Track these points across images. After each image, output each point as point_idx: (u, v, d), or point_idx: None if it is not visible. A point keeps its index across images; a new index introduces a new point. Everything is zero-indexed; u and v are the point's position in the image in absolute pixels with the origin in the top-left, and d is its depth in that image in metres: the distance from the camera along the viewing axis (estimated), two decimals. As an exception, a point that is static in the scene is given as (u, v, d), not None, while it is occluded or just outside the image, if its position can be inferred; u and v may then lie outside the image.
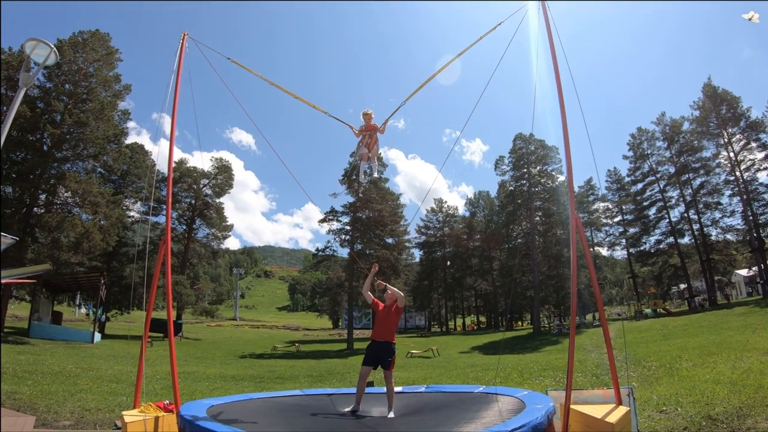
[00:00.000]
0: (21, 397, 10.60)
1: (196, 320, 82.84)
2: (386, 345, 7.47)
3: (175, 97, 8.31)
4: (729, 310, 36.64)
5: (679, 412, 7.66)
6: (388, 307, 7.84)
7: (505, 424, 5.08)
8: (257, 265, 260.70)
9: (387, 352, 7.42)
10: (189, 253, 59.30)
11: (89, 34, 38.88)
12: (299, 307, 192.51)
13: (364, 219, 52.86)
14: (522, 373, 16.08)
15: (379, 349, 7.47)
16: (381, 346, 7.47)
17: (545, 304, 57.46)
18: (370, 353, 7.54)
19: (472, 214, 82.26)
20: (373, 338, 7.63)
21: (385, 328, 7.60)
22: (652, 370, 13.18)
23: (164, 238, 7.77)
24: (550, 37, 7.59)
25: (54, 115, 36.25)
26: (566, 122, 7.17)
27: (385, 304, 7.96)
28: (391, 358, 7.43)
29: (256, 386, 15.80)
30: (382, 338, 7.52)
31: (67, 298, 55.89)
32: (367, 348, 7.68)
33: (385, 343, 7.48)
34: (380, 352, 7.45)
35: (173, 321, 7.87)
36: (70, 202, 38.21)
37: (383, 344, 7.47)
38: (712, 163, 53.27)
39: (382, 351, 7.44)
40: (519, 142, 58.33)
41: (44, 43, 7.78)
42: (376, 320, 7.82)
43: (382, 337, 7.53)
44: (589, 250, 7.18)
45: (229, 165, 64.01)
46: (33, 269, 23.00)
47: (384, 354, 7.42)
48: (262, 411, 7.17)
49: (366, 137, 8.45)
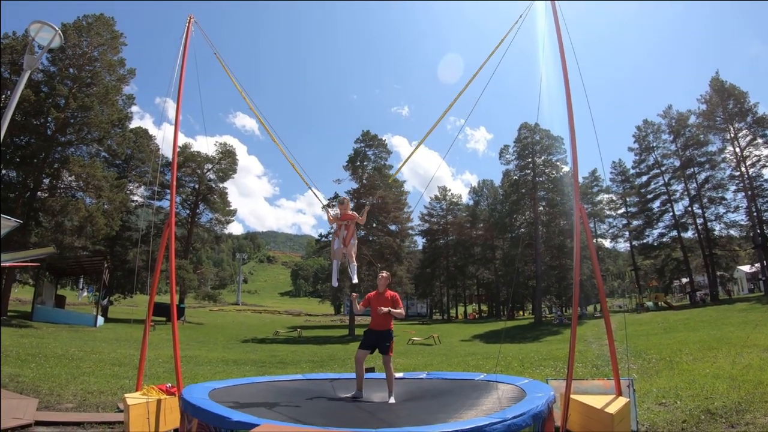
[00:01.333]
0: (24, 380, 10.68)
1: (198, 305, 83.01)
2: (384, 332, 7.47)
3: (180, 81, 8.27)
4: (730, 305, 36.70)
5: (679, 405, 7.69)
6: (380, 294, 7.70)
7: (505, 411, 5.08)
8: (260, 251, 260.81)
9: (385, 338, 7.41)
10: (192, 238, 59.44)
11: (94, 18, 38.77)
12: (301, 293, 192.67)
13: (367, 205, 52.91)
14: (522, 362, 16.12)
15: (376, 335, 7.47)
16: (379, 333, 7.47)
17: (547, 294, 57.56)
18: (367, 339, 7.55)
19: (476, 203, 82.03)
20: (371, 327, 7.60)
21: (381, 318, 7.50)
22: (653, 363, 13.21)
23: (168, 222, 7.77)
24: (558, 32, 7.55)
25: (58, 99, 36.14)
26: (572, 113, 7.15)
27: (377, 291, 7.78)
28: (389, 343, 7.42)
29: (258, 370, 15.86)
30: (378, 328, 7.50)
31: (71, 282, 55.87)
32: (365, 333, 7.68)
33: (383, 331, 7.47)
34: (378, 338, 7.45)
35: (176, 305, 7.88)
36: (74, 186, 38.27)
37: (381, 332, 7.47)
38: (717, 157, 53.12)
39: (380, 337, 7.44)
40: (524, 131, 58.06)
41: (49, 26, 7.73)
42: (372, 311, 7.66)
43: (379, 327, 7.50)
44: (592, 241, 7.18)
45: (233, 150, 64.02)
46: (36, 252, 23.09)
47: (382, 340, 7.42)
48: (263, 394, 7.20)
49: (341, 228, 7.81)
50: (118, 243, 50.91)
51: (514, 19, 7.88)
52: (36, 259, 26.20)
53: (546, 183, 55.64)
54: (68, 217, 36.06)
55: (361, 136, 55.55)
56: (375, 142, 55.61)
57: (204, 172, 60.89)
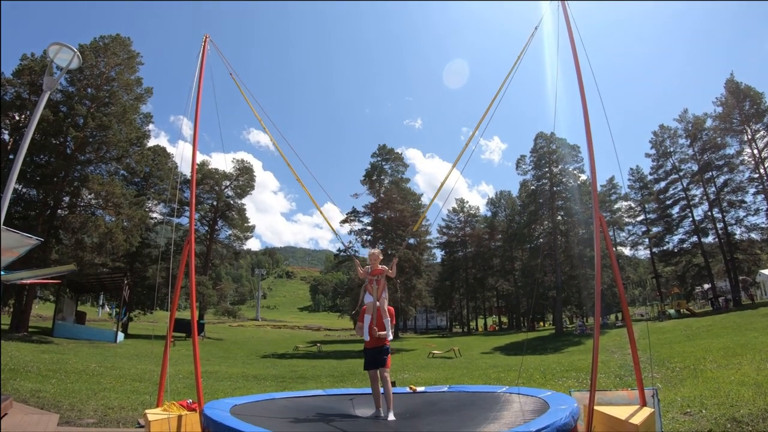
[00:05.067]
0: (45, 395, 10.75)
1: (218, 320, 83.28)
2: (379, 348, 7.36)
3: (198, 100, 8.32)
4: (753, 310, 36.14)
5: (704, 414, 7.56)
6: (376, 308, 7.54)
7: (529, 424, 5.03)
8: (279, 266, 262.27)
9: (381, 353, 7.33)
10: (211, 254, 59.79)
11: (110, 39, 39.41)
12: (321, 308, 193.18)
13: (385, 219, 52.93)
14: (544, 373, 15.97)
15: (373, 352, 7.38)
16: (375, 350, 7.37)
17: (567, 304, 57.10)
18: (367, 358, 7.46)
19: (494, 214, 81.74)
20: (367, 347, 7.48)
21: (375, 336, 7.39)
22: (676, 372, 13.04)
23: (188, 238, 7.78)
24: (570, 36, 7.52)
25: (77, 119, 36.73)
26: (589, 120, 7.10)
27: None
28: (386, 356, 7.34)
29: (278, 386, 15.87)
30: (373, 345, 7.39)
31: (91, 299, 56.53)
32: (364, 352, 7.57)
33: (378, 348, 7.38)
34: (375, 353, 7.36)
35: (196, 321, 7.89)
36: (94, 204, 38.73)
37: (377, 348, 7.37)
38: (735, 160, 52.60)
39: (376, 352, 7.35)
40: (540, 141, 57.92)
41: (67, 47, 7.83)
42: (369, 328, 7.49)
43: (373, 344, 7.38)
44: (613, 250, 7.10)
45: (251, 166, 64.42)
46: (58, 270, 23.27)
47: (378, 354, 7.33)
48: (284, 410, 7.19)
49: (372, 283, 7.58)
50: (137, 260, 51.35)
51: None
52: (57, 276, 26.51)
53: (564, 192, 55.36)
54: (88, 234, 36.49)
55: (378, 150, 55.83)
56: (392, 156, 55.87)
57: (222, 188, 61.33)
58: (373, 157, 56.45)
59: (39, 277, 18.37)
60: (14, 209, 35.36)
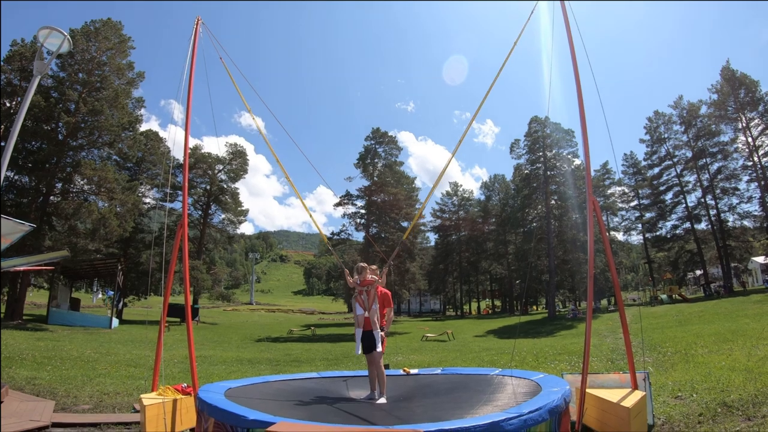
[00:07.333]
0: (41, 382, 10.77)
1: (212, 305, 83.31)
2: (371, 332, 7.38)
3: (190, 84, 8.25)
4: (745, 297, 36.41)
5: (695, 398, 7.62)
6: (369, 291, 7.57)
7: (521, 406, 5.05)
8: (272, 250, 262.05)
9: (373, 336, 7.35)
10: (205, 239, 59.81)
11: (101, 23, 38.94)
12: (315, 291, 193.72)
13: (379, 203, 52.87)
14: (537, 357, 16.05)
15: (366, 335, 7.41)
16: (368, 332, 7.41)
17: (560, 288, 57.37)
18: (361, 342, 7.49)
19: (488, 198, 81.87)
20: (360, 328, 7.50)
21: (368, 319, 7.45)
22: (668, 356, 13.11)
23: (181, 223, 7.77)
24: (566, 23, 7.51)
25: (68, 104, 36.40)
26: (583, 105, 7.10)
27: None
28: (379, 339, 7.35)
29: (273, 369, 15.89)
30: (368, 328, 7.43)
31: (85, 285, 56.32)
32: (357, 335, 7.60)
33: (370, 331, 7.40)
34: (368, 338, 7.39)
35: (190, 305, 7.89)
36: (86, 190, 38.50)
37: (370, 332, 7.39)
38: (729, 147, 52.66)
39: (369, 336, 7.38)
40: (534, 125, 57.90)
41: (57, 31, 7.75)
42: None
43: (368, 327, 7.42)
44: (606, 234, 7.13)
45: (244, 150, 64.37)
46: (51, 256, 23.19)
47: (371, 338, 7.36)
48: (279, 393, 7.22)
49: (362, 294, 7.52)
50: (131, 245, 51.30)
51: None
52: (50, 263, 26.44)
53: (557, 176, 55.40)
54: (81, 220, 36.33)
55: (371, 133, 55.56)
56: (385, 139, 55.62)
57: (215, 172, 61.21)
58: (367, 140, 56.26)
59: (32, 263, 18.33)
60: (7, 196, 35.16)
